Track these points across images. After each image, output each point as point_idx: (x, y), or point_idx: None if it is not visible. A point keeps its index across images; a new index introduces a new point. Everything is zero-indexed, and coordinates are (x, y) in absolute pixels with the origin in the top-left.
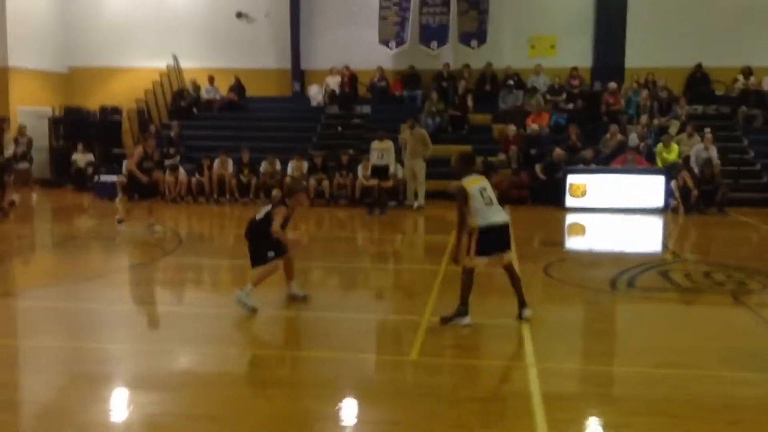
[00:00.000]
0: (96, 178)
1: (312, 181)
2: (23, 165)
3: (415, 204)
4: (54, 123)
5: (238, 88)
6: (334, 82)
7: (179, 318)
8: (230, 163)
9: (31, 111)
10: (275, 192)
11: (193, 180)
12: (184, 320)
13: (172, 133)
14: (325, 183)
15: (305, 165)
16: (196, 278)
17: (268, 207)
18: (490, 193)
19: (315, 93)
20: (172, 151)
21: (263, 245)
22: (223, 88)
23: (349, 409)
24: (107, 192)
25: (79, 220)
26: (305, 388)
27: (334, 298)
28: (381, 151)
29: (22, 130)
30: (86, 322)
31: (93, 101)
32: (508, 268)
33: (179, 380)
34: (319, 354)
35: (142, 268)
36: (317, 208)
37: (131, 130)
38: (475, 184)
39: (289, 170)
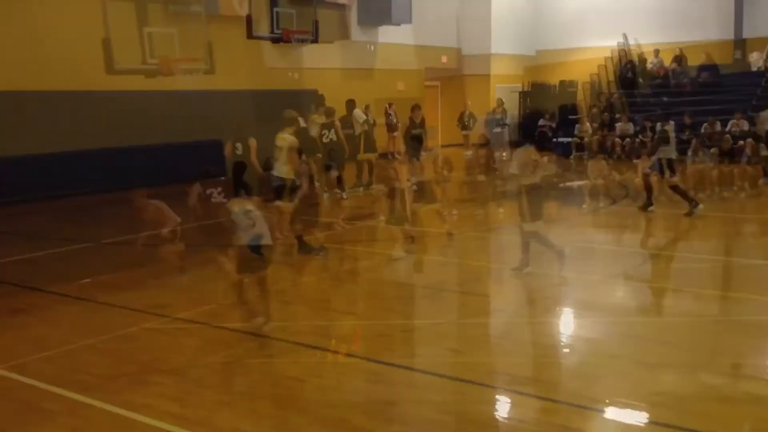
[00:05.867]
0: (555, 139)
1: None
2: (497, 130)
3: None
4: (522, 96)
5: (680, 58)
6: None
7: (611, 255)
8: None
9: (506, 87)
10: (713, 150)
11: (637, 140)
12: (617, 257)
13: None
14: None
15: (745, 123)
16: (631, 224)
17: None
18: None
19: (756, 59)
20: (618, 115)
21: None
22: (667, 60)
23: None
24: (564, 150)
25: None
26: (748, 327)
27: None
28: None
29: (499, 102)
30: (538, 253)
31: (554, 77)
32: None
33: (619, 307)
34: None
35: (587, 214)
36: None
37: (584, 100)
38: None
39: (728, 127)
